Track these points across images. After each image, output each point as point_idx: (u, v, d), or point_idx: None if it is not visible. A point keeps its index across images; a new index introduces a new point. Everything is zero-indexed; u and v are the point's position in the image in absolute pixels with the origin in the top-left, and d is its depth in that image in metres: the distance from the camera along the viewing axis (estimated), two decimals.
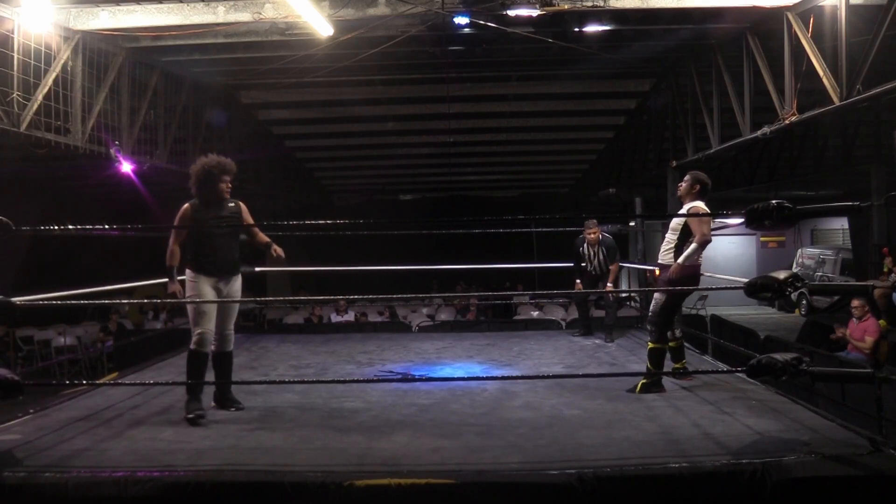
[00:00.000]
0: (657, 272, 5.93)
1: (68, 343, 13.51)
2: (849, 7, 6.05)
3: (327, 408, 5.07)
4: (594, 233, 8.03)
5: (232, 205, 5.01)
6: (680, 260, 5.41)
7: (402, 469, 3.63)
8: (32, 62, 6.59)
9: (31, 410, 4.95)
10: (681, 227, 5.47)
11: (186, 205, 4.90)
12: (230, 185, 4.98)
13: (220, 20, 7.13)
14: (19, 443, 4.20)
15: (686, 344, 7.58)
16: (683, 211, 5.45)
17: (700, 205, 5.46)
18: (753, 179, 14.88)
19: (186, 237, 4.87)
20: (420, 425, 4.57)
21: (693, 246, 5.36)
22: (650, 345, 5.56)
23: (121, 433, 4.47)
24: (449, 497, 3.42)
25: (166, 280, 4.93)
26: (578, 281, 8.29)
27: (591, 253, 8.10)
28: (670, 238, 5.55)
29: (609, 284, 8.01)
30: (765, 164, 14.43)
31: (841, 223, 20.88)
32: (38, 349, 13.38)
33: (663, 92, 10.97)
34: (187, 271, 4.88)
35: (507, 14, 7.02)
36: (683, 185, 5.58)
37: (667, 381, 5.53)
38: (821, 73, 6.49)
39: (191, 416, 4.62)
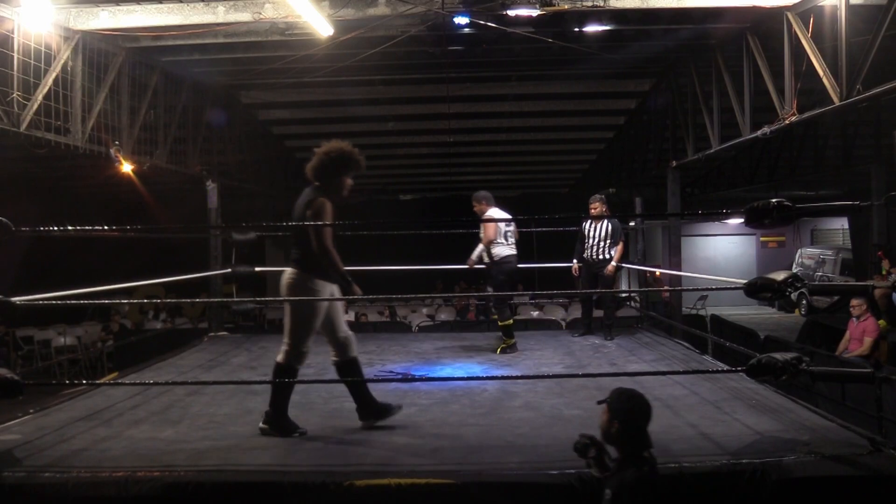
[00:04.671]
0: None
1: (68, 343, 13.53)
2: (849, 7, 6.04)
3: (327, 408, 5.07)
4: (595, 208, 7.94)
5: None
6: (473, 255, 7.52)
7: (402, 469, 3.63)
8: (32, 62, 6.58)
9: (31, 410, 4.96)
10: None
11: (323, 198, 4.42)
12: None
13: (220, 20, 7.13)
14: (19, 443, 4.21)
15: (686, 344, 7.62)
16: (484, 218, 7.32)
17: (493, 212, 7.39)
18: (753, 179, 14.88)
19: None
20: (420, 425, 4.58)
21: (478, 247, 7.38)
22: (500, 322, 7.30)
23: (121, 433, 4.47)
24: (449, 497, 3.42)
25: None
26: (576, 262, 8.21)
27: (593, 230, 8.01)
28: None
29: (613, 264, 7.96)
30: (765, 164, 14.43)
31: (841, 223, 20.89)
32: (38, 349, 13.39)
33: (663, 92, 10.96)
34: (309, 276, 4.42)
35: (507, 14, 7.01)
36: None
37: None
38: (821, 73, 6.48)
39: (298, 433, 4.37)
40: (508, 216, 7.50)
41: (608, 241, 7.97)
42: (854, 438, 4.00)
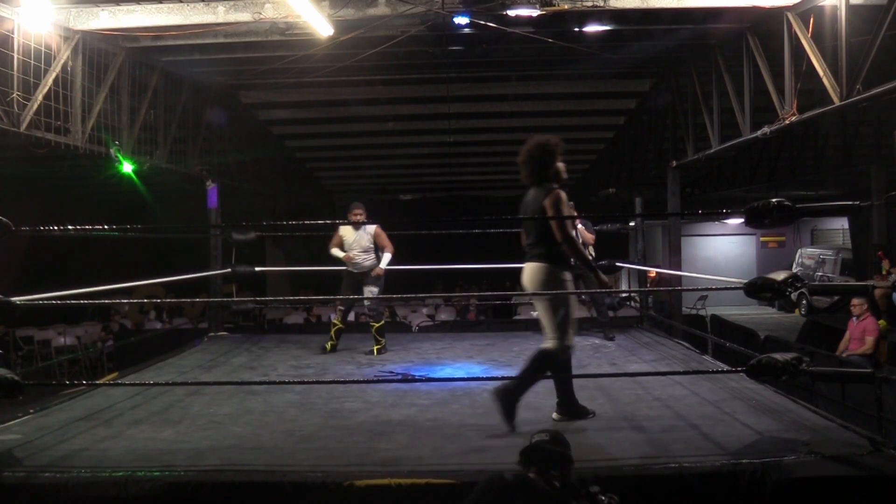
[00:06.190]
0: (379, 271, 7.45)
1: (68, 343, 13.52)
2: (849, 7, 6.05)
3: (327, 408, 5.07)
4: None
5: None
6: (383, 265, 7.37)
7: (402, 469, 3.63)
8: (32, 62, 6.58)
9: (31, 410, 4.96)
10: (373, 242, 7.41)
11: (557, 189, 4.49)
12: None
13: (220, 20, 7.13)
14: (19, 443, 4.21)
15: (686, 344, 7.61)
16: (371, 229, 7.36)
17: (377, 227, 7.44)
18: (753, 179, 14.89)
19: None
20: (420, 425, 4.57)
21: (388, 256, 7.39)
22: (373, 324, 7.41)
23: (121, 433, 4.47)
24: (449, 497, 3.42)
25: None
26: None
27: None
28: (369, 252, 7.41)
29: (591, 236, 7.96)
30: (765, 164, 14.44)
31: (841, 223, 20.89)
32: (38, 349, 13.38)
33: (663, 92, 10.96)
34: (559, 268, 4.43)
35: (507, 14, 7.01)
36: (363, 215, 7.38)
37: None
38: (821, 73, 6.49)
39: (592, 415, 4.55)
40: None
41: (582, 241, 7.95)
42: (854, 438, 4.00)
